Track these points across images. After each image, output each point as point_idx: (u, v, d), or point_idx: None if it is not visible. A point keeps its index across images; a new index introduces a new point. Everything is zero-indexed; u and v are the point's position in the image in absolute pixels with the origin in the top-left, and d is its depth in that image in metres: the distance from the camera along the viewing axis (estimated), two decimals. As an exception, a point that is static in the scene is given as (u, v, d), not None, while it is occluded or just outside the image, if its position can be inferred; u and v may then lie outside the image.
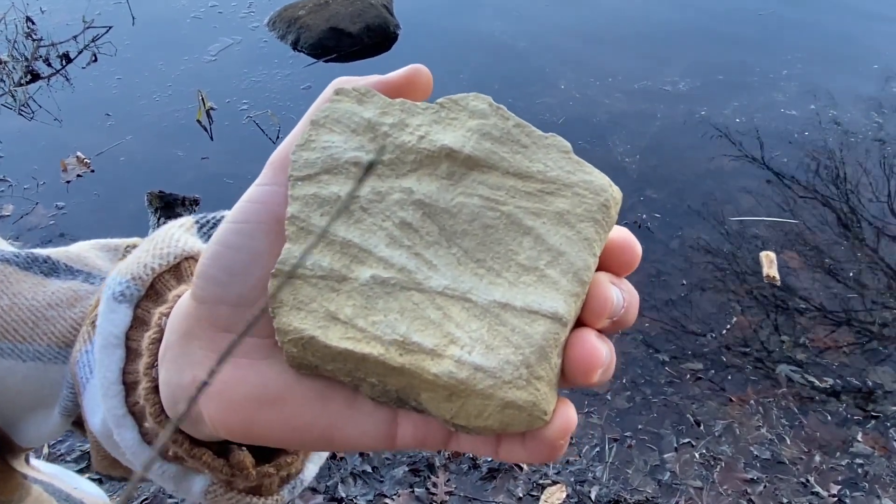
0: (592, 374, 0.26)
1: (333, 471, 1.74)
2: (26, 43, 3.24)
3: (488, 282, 0.26)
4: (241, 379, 0.28)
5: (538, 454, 0.26)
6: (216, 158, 2.71)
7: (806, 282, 2.29)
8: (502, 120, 0.27)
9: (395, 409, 0.27)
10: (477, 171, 0.27)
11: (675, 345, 2.10)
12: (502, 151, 0.27)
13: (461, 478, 1.75)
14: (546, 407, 0.25)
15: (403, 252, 0.26)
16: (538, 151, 0.27)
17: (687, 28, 3.50)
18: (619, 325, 0.27)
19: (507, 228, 0.26)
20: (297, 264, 0.25)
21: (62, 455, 1.75)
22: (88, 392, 0.35)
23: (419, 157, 0.27)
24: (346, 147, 0.27)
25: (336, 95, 0.28)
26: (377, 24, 3.34)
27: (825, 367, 2.05)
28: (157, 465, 0.33)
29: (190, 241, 0.36)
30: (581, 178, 0.27)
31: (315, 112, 0.28)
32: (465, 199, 0.27)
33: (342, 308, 0.26)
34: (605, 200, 0.27)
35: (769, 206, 2.55)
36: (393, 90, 0.29)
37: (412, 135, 0.27)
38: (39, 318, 0.39)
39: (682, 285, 2.27)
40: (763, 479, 1.78)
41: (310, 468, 0.36)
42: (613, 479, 1.77)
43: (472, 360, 0.25)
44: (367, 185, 0.27)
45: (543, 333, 0.25)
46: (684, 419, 1.91)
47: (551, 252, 0.26)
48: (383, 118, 0.28)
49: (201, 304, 0.28)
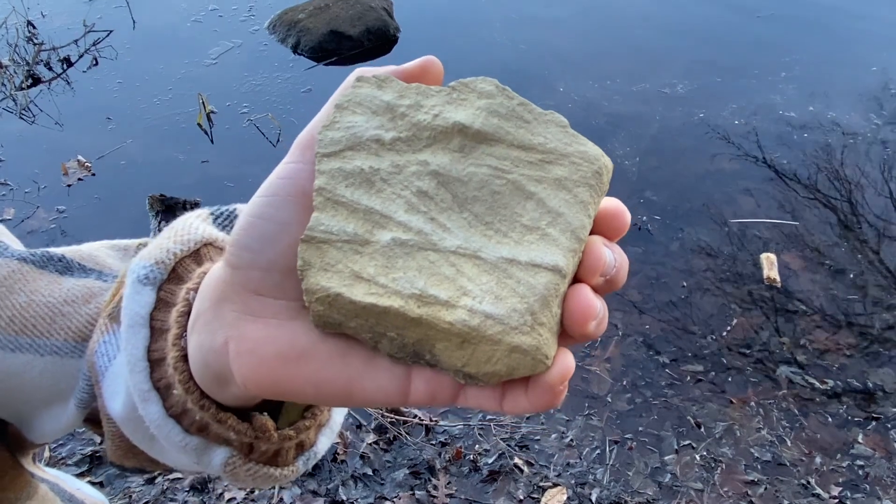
0: (587, 324, 0.28)
1: (334, 473, 1.75)
2: (27, 47, 3.25)
3: (496, 241, 0.29)
4: (270, 337, 0.30)
5: (540, 400, 0.28)
6: (217, 161, 2.72)
7: (806, 283, 2.29)
8: (507, 99, 0.30)
9: (408, 367, 0.30)
10: (485, 144, 0.30)
11: (675, 347, 2.10)
12: (508, 126, 0.30)
13: (462, 480, 1.75)
14: (548, 351, 0.27)
15: (420, 217, 0.29)
16: (539, 126, 0.30)
17: (684, 31, 3.51)
18: (611, 284, 0.30)
19: (513, 194, 0.29)
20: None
21: (63, 459, 1.75)
22: (108, 379, 0.37)
23: (434, 134, 0.30)
24: (368, 126, 0.30)
25: (357, 82, 0.31)
26: (377, 27, 3.35)
27: (826, 369, 2.05)
28: (180, 438, 0.34)
29: (208, 229, 0.38)
30: (577, 149, 0.30)
31: (339, 97, 0.31)
32: (475, 168, 0.30)
33: (365, 268, 0.29)
34: (598, 168, 0.30)
35: (769, 208, 2.55)
36: (408, 78, 0.32)
37: (427, 114, 0.30)
38: (56, 314, 0.40)
39: (683, 287, 2.27)
40: (764, 480, 1.78)
41: (322, 441, 0.38)
42: (614, 482, 1.77)
43: (482, 309, 0.27)
44: (386, 160, 0.30)
45: (546, 284, 0.28)
46: (685, 421, 1.91)
47: (551, 213, 0.29)
48: (401, 100, 0.31)
49: (235, 270, 0.31)
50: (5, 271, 0.41)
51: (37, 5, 3.56)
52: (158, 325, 0.35)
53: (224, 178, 2.62)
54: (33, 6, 3.54)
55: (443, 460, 1.78)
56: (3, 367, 0.39)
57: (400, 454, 1.80)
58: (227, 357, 0.31)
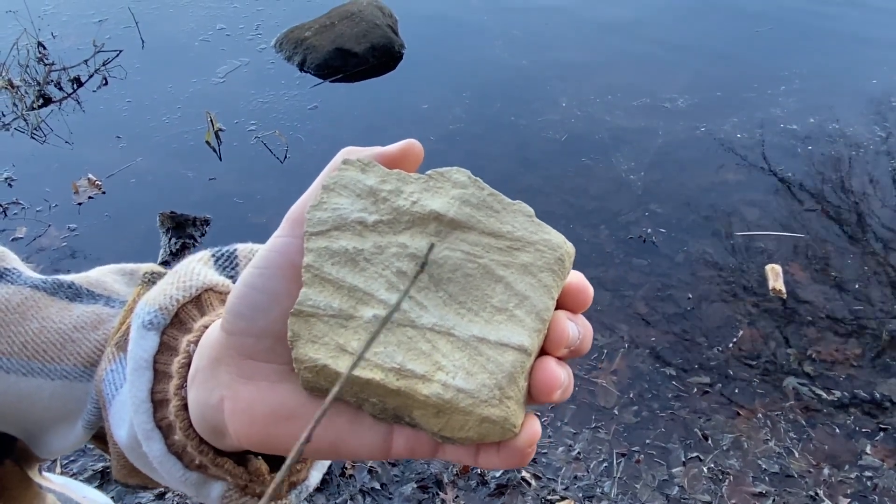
0: (553, 393, 0.31)
1: (343, 488, 1.75)
2: (38, 67, 3.31)
3: (468, 319, 0.32)
4: (261, 399, 0.33)
5: (510, 460, 0.31)
6: (225, 178, 2.75)
7: (812, 294, 2.30)
8: (479, 190, 0.33)
9: (391, 425, 0.32)
10: (459, 230, 0.33)
11: (681, 359, 2.11)
12: (479, 215, 0.33)
13: (469, 494, 1.75)
14: (515, 421, 0.30)
15: (399, 295, 0.32)
16: (507, 215, 0.33)
17: (683, 45, 3.54)
18: (576, 353, 0.32)
19: (483, 277, 0.32)
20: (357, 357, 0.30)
21: (74, 475, 1.76)
22: (114, 407, 0.39)
23: (412, 219, 0.33)
24: (353, 209, 0.33)
25: (343, 164, 0.34)
26: (382, 45, 3.39)
27: (833, 380, 2.05)
28: (181, 473, 0.37)
29: (209, 274, 0.41)
30: (541, 237, 0.33)
31: (325, 178, 0.34)
32: (449, 252, 0.32)
33: (349, 341, 0.31)
34: (560, 255, 0.33)
35: (773, 220, 2.56)
36: (390, 160, 0.34)
37: (406, 200, 0.33)
38: (66, 340, 0.42)
39: (688, 299, 2.28)
40: (772, 492, 1.78)
41: (314, 475, 0.41)
42: (622, 494, 1.77)
43: (455, 384, 0.30)
44: (369, 240, 0.33)
45: (512, 362, 0.30)
46: (692, 433, 1.91)
47: (518, 296, 0.32)
48: (382, 185, 0.33)
49: (230, 336, 0.33)
50: (19, 298, 0.43)
51: (47, 26, 3.62)
52: (162, 367, 0.37)
53: (233, 194, 2.65)
54: (44, 27, 3.60)
55: (450, 474, 1.79)
56: (16, 390, 0.41)
57: (408, 468, 1.81)
58: (222, 414, 0.33)
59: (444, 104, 3.12)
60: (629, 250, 2.44)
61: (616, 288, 2.31)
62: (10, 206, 2.63)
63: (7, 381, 0.41)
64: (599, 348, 2.12)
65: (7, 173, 2.77)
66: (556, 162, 2.79)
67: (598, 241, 2.47)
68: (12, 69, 3.24)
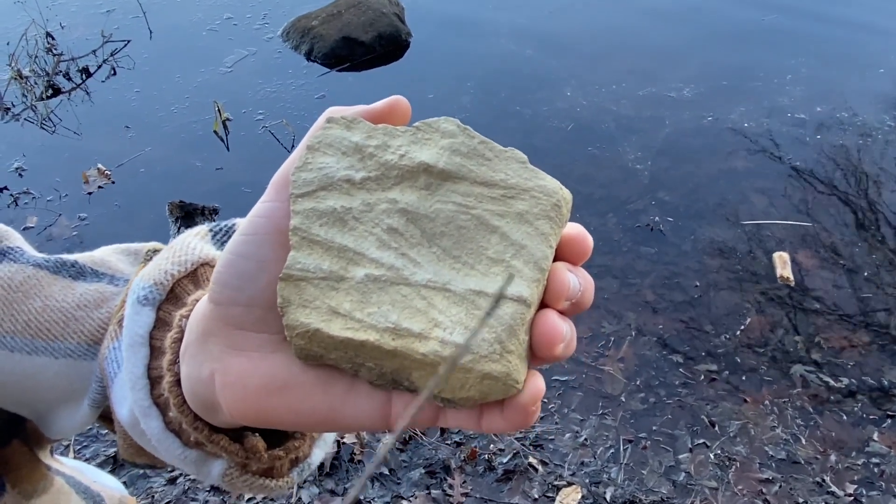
0: (555, 347, 0.29)
1: (351, 473, 1.77)
2: (47, 58, 3.32)
3: (464, 273, 0.30)
4: (253, 370, 0.31)
5: (515, 420, 0.29)
6: (233, 168, 2.76)
7: (820, 282, 2.30)
8: (468, 138, 0.32)
9: (389, 392, 0.31)
10: (450, 181, 0.31)
11: (689, 346, 2.11)
12: (470, 164, 0.31)
13: (477, 479, 1.77)
14: (517, 376, 0.29)
15: (391, 253, 0.31)
16: (500, 163, 0.32)
17: (688, 34, 3.52)
18: (578, 306, 0.31)
19: (478, 228, 0.31)
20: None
21: (87, 460, 1.79)
22: (116, 385, 0.39)
23: (401, 173, 0.31)
24: (339, 167, 0.32)
25: (328, 123, 0.32)
26: (389, 33, 3.39)
27: (840, 367, 2.05)
28: (180, 451, 0.36)
29: (205, 248, 0.40)
30: (536, 184, 0.31)
31: (310, 138, 0.32)
32: (441, 205, 0.31)
33: (341, 303, 0.30)
34: (556, 201, 0.31)
35: (781, 207, 2.56)
36: (376, 117, 0.33)
37: (394, 154, 0.32)
38: (70, 318, 0.42)
39: (696, 287, 2.28)
40: (778, 478, 1.78)
41: (316, 453, 0.40)
42: (628, 480, 1.78)
43: (453, 340, 0.29)
44: (357, 199, 0.31)
45: (512, 314, 0.29)
46: (699, 420, 1.92)
47: (515, 246, 0.30)
48: (369, 141, 0.32)
49: (217, 306, 0.32)
50: (22, 277, 0.42)
51: (56, 17, 3.63)
52: (158, 343, 0.37)
53: (241, 183, 2.67)
54: (52, 18, 3.61)
55: (458, 460, 1.80)
56: (21, 369, 0.41)
57: (416, 454, 1.82)
58: (213, 388, 0.32)
59: (451, 93, 3.12)
60: (637, 238, 2.44)
61: (624, 276, 2.31)
62: (21, 195, 2.65)
63: (12, 360, 0.41)
64: (606, 335, 2.13)
65: (18, 163, 2.79)
66: (562, 151, 2.79)
67: (605, 229, 2.47)
68: (21, 60, 3.26)
